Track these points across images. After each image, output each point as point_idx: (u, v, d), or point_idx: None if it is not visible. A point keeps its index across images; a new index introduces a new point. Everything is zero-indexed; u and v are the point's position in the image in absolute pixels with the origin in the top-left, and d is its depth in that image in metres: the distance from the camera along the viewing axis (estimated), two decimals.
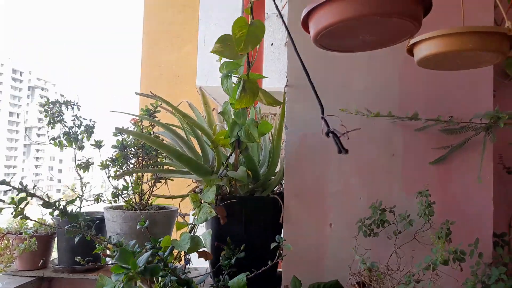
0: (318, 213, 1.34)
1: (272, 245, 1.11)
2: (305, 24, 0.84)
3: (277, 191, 1.51)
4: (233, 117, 1.16)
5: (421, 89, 1.31)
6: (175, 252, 1.17)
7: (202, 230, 1.52)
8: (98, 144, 1.52)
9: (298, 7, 1.39)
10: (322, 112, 0.77)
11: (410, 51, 1.03)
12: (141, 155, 1.49)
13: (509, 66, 1.30)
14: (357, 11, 0.69)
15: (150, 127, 1.49)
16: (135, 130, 1.48)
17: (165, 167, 1.53)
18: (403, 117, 1.21)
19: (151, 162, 1.51)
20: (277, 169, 1.58)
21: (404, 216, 1.16)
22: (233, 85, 1.12)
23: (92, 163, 1.61)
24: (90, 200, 1.59)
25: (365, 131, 1.32)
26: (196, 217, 1.28)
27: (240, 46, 0.97)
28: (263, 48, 2.36)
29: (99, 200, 1.53)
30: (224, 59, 1.11)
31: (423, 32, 0.89)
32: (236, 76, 1.11)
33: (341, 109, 1.21)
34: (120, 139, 1.50)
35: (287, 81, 1.37)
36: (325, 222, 1.34)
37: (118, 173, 1.48)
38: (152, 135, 1.52)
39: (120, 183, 1.52)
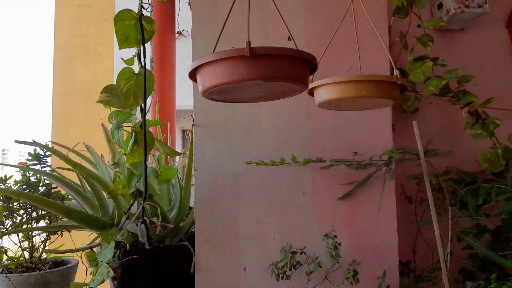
0: (232, 258, 1.28)
1: None
2: (193, 77, 0.78)
3: (191, 231, 1.42)
4: (128, 167, 1.04)
5: (327, 126, 1.32)
6: None
7: (107, 285, 1.37)
8: None
9: (202, 40, 1.33)
10: None
11: (311, 93, 1.03)
12: (29, 206, 1.30)
13: (405, 102, 1.38)
14: (237, 76, 0.65)
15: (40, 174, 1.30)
16: (21, 178, 1.29)
17: (61, 217, 1.35)
18: (309, 160, 1.20)
19: (44, 213, 1.32)
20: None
21: (312, 258, 1.15)
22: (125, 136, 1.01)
23: None
24: None
25: (275, 169, 1.29)
26: (93, 277, 1.13)
27: (129, 100, 0.87)
28: (174, 69, 2.25)
29: None
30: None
31: (325, 71, 0.88)
32: (129, 126, 1.00)
33: (246, 162, 1.18)
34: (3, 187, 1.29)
35: (193, 120, 1.29)
36: (239, 267, 1.28)
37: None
38: (43, 183, 1.33)
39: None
